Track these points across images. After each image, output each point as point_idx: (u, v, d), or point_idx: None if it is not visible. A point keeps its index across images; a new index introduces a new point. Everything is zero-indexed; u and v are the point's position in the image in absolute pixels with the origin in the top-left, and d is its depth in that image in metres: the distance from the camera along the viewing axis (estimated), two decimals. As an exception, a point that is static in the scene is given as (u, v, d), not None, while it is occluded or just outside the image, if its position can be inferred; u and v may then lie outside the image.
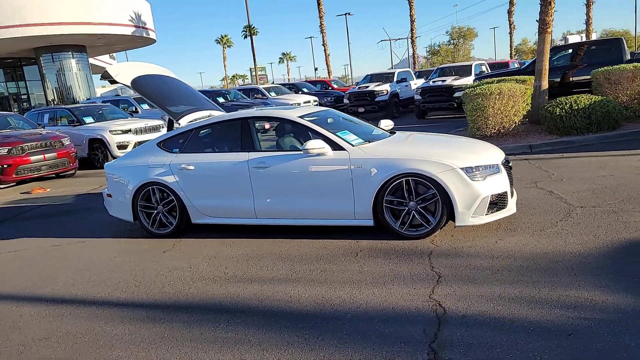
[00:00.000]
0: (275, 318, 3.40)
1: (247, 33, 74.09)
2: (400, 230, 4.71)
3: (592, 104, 9.22)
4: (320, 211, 5.00)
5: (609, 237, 4.20)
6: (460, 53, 61.47)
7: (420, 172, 4.52)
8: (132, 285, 4.32)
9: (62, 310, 3.93)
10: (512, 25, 37.36)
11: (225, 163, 5.30)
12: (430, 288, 3.58)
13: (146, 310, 3.77)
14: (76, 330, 3.54)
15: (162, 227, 5.71)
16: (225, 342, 3.13)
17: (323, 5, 33.86)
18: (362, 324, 3.17)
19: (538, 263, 3.83)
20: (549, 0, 10.30)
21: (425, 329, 3.00)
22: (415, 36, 32.70)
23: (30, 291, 4.43)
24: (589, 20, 27.84)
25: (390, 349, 2.83)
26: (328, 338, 3.04)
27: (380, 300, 3.48)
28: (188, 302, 3.84)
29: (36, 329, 3.62)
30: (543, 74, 10.58)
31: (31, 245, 6.00)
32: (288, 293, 3.79)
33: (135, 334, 3.39)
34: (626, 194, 5.45)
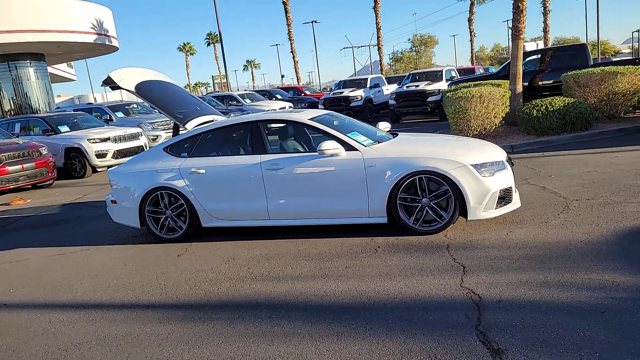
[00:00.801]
0: (316, 312, 3.50)
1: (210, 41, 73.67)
2: (414, 226, 4.90)
3: (566, 106, 9.75)
4: (335, 210, 5.13)
5: (611, 226, 4.52)
6: (422, 60, 63.02)
7: (433, 169, 4.72)
8: (157, 288, 4.33)
9: (91, 315, 3.90)
10: (472, 33, 38.70)
11: (236, 166, 5.36)
12: (458, 278, 3.77)
13: (182, 311, 3.79)
14: (115, 332, 3.53)
15: (170, 232, 5.71)
16: (274, 335, 3.22)
17: (291, 13, 34.08)
18: (403, 313, 3.32)
19: (553, 251, 4.09)
20: (521, 8, 10.84)
21: (467, 314, 3.18)
22: (381, 44, 33.34)
23: (50, 298, 4.36)
24: (546, 28, 29.23)
25: (440, 333, 2.99)
26: (376, 327, 3.17)
27: (414, 291, 3.64)
28: (222, 301, 3.89)
29: (72, 334, 3.59)
30: (518, 78, 11.09)
31: (31, 255, 5.86)
32: (321, 288, 3.90)
33: (178, 332, 3.42)
34: (614, 187, 5.83)
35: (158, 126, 15.43)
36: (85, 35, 28.55)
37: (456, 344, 2.84)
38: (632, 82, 10.36)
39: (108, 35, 31.08)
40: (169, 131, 15.52)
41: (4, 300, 4.45)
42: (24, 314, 4.09)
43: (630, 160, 7.27)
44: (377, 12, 32.79)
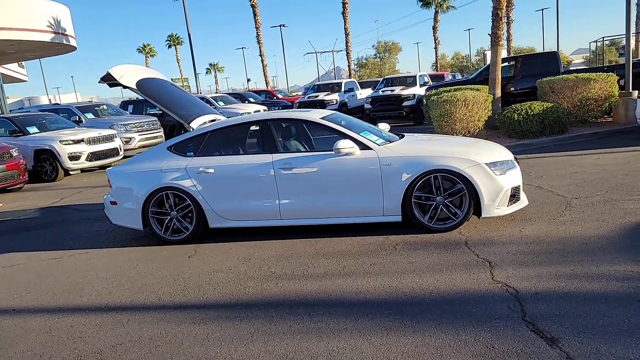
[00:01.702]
0: (354, 308, 3.50)
1: (171, 43, 72.32)
2: (428, 224, 4.97)
3: (544, 110, 10.15)
4: (349, 209, 5.14)
5: (617, 221, 4.73)
6: (386, 66, 64.11)
7: (449, 168, 4.81)
8: (178, 289, 4.21)
9: (115, 317, 3.75)
10: (436, 40, 39.70)
11: (247, 165, 5.29)
12: (487, 272, 3.86)
13: (213, 311, 3.70)
14: (148, 334, 3.41)
15: (175, 234, 5.56)
16: (321, 331, 3.19)
17: (259, 16, 33.94)
18: (446, 306, 3.36)
19: (570, 246, 4.24)
20: (500, 16, 11.22)
21: (509, 306, 3.26)
22: (350, 49, 33.70)
23: (63, 302, 4.16)
24: (509, 37, 30.35)
25: (489, 325, 3.05)
26: (422, 320, 3.20)
27: (448, 286, 3.69)
28: (252, 300, 3.82)
29: (101, 337, 3.44)
30: (497, 83, 11.47)
31: (24, 259, 5.58)
32: (352, 285, 3.89)
33: (218, 332, 3.34)
34: (606, 186, 6.11)
35: (131, 128, 15.02)
36: (41, 33, 27.39)
37: (509, 334, 2.90)
38: (603, 88, 10.90)
39: (65, 34, 29.92)
40: (142, 133, 15.17)
41: (11, 306, 4.22)
42: (38, 318, 3.88)
43: (612, 162, 7.64)
44: (346, 17, 33.15)
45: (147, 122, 15.59)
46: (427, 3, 39.14)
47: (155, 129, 15.76)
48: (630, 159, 7.76)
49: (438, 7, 38.79)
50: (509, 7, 26.76)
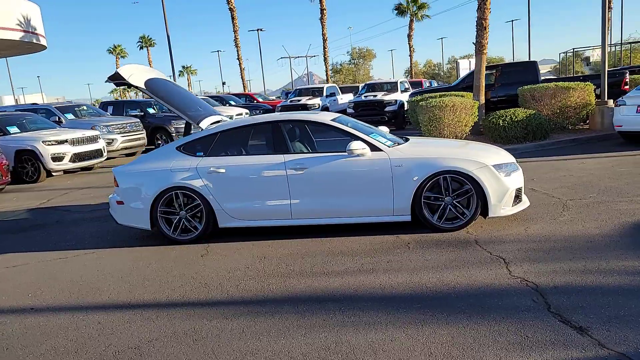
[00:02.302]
0: (384, 302, 3.61)
1: (143, 44, 71.23)
2: (437, 224, 5.14)
3: (528, 117, 10.55)
4: (360, 209, 5.27)
5: (615, 221, 5.00)
6: (361, 72, 64.81)
7: (458, 169, 5.00)
8: (199, 286, 4.24)
9: (143, 314, 3.76)
10: (411, 48, 40.45)
11: (259, 165, 5.35)
12: (504, 269, 4.04)
13: (242, 307, 3.76)
14: (183, 329, 3.45)
15: (184, 233, 5.57)
16: (357, 325, 3.29)
17: (237, 19, 33.85)
18: (472, 300, 3.52)
19: (576, 243, 4.48)
20: (484, 25, 11.60)
21: (533, 299, 3.44)
22: (327, 54, 33.97)
23: (83, 301, 4.13)
24: (483, 46, 31.30)
25: (518, 316, 3.21)
26: (453, 313, 3.34)
27: (469, 281, 3.85)
28: (278, 296, 3.89)
29: (134, 333, 3.45)
30: (481, 90, 11.83)
31: (27, 259, 5.48)
32: (375, 281, 4.01)
33: (253, 326, 3.40)
34: (596, 189, 6.43)
35: (113, 129, 14.79)
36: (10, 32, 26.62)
37: (539, 325, 3.07)
38: (581, 97, 11.39)
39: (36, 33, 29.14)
40: (125, 134, 14.96)
41: (28, 305, 4.16)
42: (62, 316, 3.85)
43: (596, 166, 8.02)
44: (324, 23, 33.43)
45: (129, 123, 15.38)
46: (403, 11, 39.87)
47: (137, 131, 15.57)
48: (613, 163, 8.16)
49: (413, 16, 39.56)
50: (483, 17, 27.51)
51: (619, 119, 10.06)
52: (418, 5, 39.13)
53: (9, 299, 4.33)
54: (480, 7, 11.54)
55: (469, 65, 34.01)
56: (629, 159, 8.52)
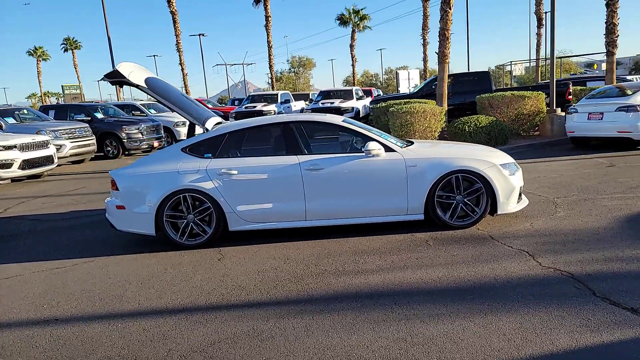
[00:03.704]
0: (435, 295, 3.70)
1: (67, 46, 67.58)
2: (449, 222, 5.33)
3: (490, 123, 11.15)
4: (375, 209, 5.34)
5: (607, 215, 5.43)
6: (300, 81, 65.22)
7: (470, 169, 5.22)
8: (233, 288, 4.12)
9: (189, 318, 3.60)
10: (354, 58, 41.33)
11: (273, 166, 5.29)
12: (532, 261, 4.27)
13: (292, 305, 3.69)
14: (242, 330, 3.34)
15: (192, 238, 5.38)
16: (421, 317, 3.35)
17: (179, 24, 32.98)
18: (519, 290, 3.69)
19: (585, 235, 4.81)
20: (447, 36, 12.16)
21: (575, 286, 3.67)
22: (272, 62, 33.92)
23: (111, 309, 3.88)
24: (425, 58, 32.60)
25: (570, 302, 3.42)
26: (508, 302, 3.49)
27: (506, 273, 4.04)
28: (324, 294, 3.87)
29: (190, 336, 3.30)
30: (444, 98, 12.36)
31: (19, 270, 5.07)
32: (414, 277, 4.09)
33: (315, 324, 3.36)
34: (574, 188, 6.93)
35: (61, 134, 13.94)
36: None
37: (594, 308, 3.29)
38: (534, 105, 12.21)
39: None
40: (74, 140, 14.15)
41: (50, 316, 3.84)
42: (96, 325, 3.60)
43: (562, 168, 8.63)
44: (269, 30, 33.38)
45: (78, 128, 14.56)
46: (345, 22, 40.71)
47: (87, 136, 14.78)
48: (575, 165, 8.83)
49: (355, 27, 40.50)
50: (424, 31, 28.73)
51: (571, 125, 10.89)
52: (360, 16, 40.14)
53: (24, 311, 3.98)
54: (443, 19, 12.08)
55: (408, 76, 35.30)
56: (587, 161, 9.24)
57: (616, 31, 15.16)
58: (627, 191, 6.53)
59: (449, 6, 11.92)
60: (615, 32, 15.14)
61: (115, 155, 15.99)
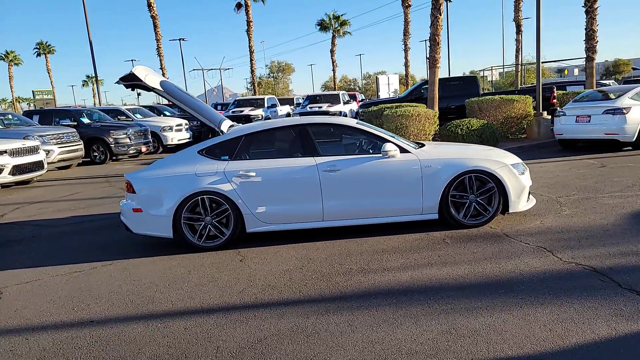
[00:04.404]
0: (467, 290, 3.81)
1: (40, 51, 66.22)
2: (463, 221, 5.47)
3: (482, 126, 11.42)
4: (391, 209, 5.45)
5: (612, 213, 5.65)
6: (280, 86, 65.27)
7: (483, 168, 5.38)
8: (264, 288, 4.16)
9: (228, 316, 3.63)
10: (334, 63, 41.66)
11: (291, 168, 5.35)
12: (552, 256, 4.43)
13: (328, 303, 3.75)
14: (285, 327, 3.39)
15: (209, 240, 5.39)
16: (459, 311, 3.46)
17: (160, 28, 32.70)
18: (547, 283, 3.83)
19: (596, 232, 5.01)
20: (437, 41, 12.42)
21: (600, 279, 3.83)
22: (254, 67, 33.92)
23: (145, 311, 3.88)
24: (407, 63, 33.16)
25: (599, 293, 3.57)
26: (539, 295, 3.62)
27: (530, 268, 4.18)
28: (356, 291, 3.94)
29: (236, 334, 3.33)
30: (434, 102, 12.60)
31: (35, 275, 4.99)
32: (442, 273, 4.20)
33: (358, 320, 3.42)
34: (573, 188, 7.18)
35: (49, 139, 13.70)
36: None
37: (624, 299, 3.45)
38: (522, 108, 12.56)
39: None
40: (62, 145, 13.93)
41: (84, 318, 3.82)
42: (135, 326, 3.59)
43: (556, 169, 8.91)
44: (250, 35, 33.40)
45: (66, 133, 14.34)
46: (325, 27, 41.01)
47: (75, 141, 14.56)
48: (568, 166, 9.12)
49: (335, 32, 40.84)
50: (406, 36, 29.17)
51: (560, 128, 11.24)
52: (340, 22, 40.49)
53: (54, 314, 3.94)
54: (433, 24, 12.34)
55: (387, 81, 35.81)
56: (578, 162, 9.56)
57: (595, 37, 15.71)
58: (624, 190, 6.80)
59: (439, 12, 12.19)
60: (595, 38, 15.69)
61: (102, 160, 15.77)
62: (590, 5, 15.46)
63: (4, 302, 4.27)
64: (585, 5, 15.63)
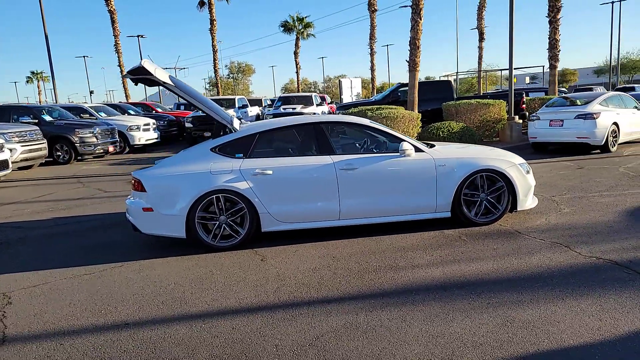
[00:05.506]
0: (502, 285, 3.90)
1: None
2: (474, 218, 5.61)
3: (462, 129, 11.74)
4: (406, 207, 5.50)
5: (609, 210, 5.95)
6: (239, 87, 64.50)
7: (494, 168, 5.53)
8: (298, 286, 4.10)
9: (274, 315, 3.55)
10: (298, 65, 41.63)
11: (307, 166, 5.31)
12: (571, 251, 4.60)
13: (371, 299, 3.74)
14: (338, 324, 3.35)
15: (224, 240, 5.27)
16: (506, 304, 3.53)
17: (118, 23, 31.67)
18: (577, 276, 3.98)
19: (601, 228, 5.26)
20: (417, 45, 12.67)
21: (624, 272, 4.02)
22: (218, 67, 33.41)
23: (180, 312, 3.73)
24: (372, 67, 33.58)
25: (630, 285, 3.75)
26: (575, 288, 3.76)
27: (553, 263, 4.33)
28: (394, 288, 3.95)
29: (289, 332, 3.26)
30: (414, 104, 12.84)
31: (42, 278, 4.71)
32: (471, 270, 4.28)
33: (408, 315, 3.44)
34: (562, 188, 7.50)
35: (11, 138, 12.95)
36: None
37: (655, 289, 3.64)
38: (497, 112, 13.00)
39: None
40: (25, 144, 13.21)
41: (115, 321, 3.63)
42: (176, 327, 3.45)
43: (538, 170, 9.27)
44: (214, 34, 32.91)
45: (29, 131, 13.61)
46: (289, 29, 40.96)
47: (38, 140, 13.84)
48: (549, 167, 9.52)
49: (299, 34, 40.85)
50: (372, 40, 29.57)
51: (534, 131, 11.72)
52: (304, 24, 40.55)
53: (82, 317, 3.73)
54: (414, 28, 12.58)
55: (351, 84, 36.23)
56: (556, 164, 10.00)
57: (558, 46, 16.49)
58: (610, 189, 7.17)
59: (419, 16, 12.45)
60: (558, 47, 16.47)
61: (66, 160, 15.06)
62: (554, 16, 16.22)
63: (17, 307, 4.01)
64: (548, 16, 16.39)
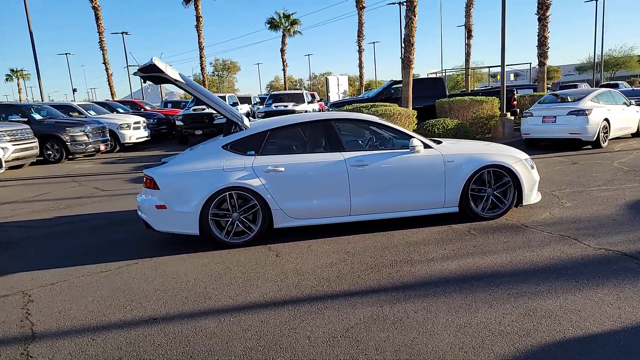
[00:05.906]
0: (519, 277, 4.01)
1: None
2: (481, 213, 5.73)
3: (456, 126, 11.90)
4: (415, 203, 5.60)
5: (611, 204, 6.12)
6: (224, 85, 64.16)
7: (501, 163, 5.66)
8: (319, 281, 4.16)
9: (300, 309, 3.61)
10: (284, 62, 41.58)
11: (319, 163, 5.37)
12: (581, 243, 4.74)
13: (393, 292, 3.82)
14: (365, 316, 3.43)
15: (237, 236, 5.30)
16: (527, 295, 3.64)
17: (102, 20, 31.26)
18: (591, 267, 4.11)
19: (605, 221, 5.42)
20: (412, 42, 12.79)
21: (634, 262, 4.16)
22: (204, 64, 33.20)
23: (207, 307, 3.77)
24: (360, 64, 33.71)
25: (637, 275, 3.89)
26: (591, 279, 3.89)
27: (565, 255, 4.46)
28: (414, 281, 4.04)
29: (315, 324, 3.33)
30: (409, 101, 12.96)
31: (56, 277, 4.70)
32: (486, 262, 4.39)
33: (433, 307, 3.52)
34: (561, 183, 7.68)
35: (2, 136, 12.75)
36: None
37: (666, 278, 3.78)
38: (490, 109, 13.20)
39: None
40: (16, 143, 13.04)
41: (143, 317, 3.65)
42: (205, 322, 3.49)
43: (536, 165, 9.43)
44: (200, 31, 32.67)
45: (20, 130, 13.42)
46: (276, 26, 40.85)
47: (29, 139, 13.66)
48: (545, 163, 9.71)
49: (286, 31, 40.78)
50: (360, 38, 29.68)
51: (527, 128, 11.92)
52: (291, 21, 40.47)
53: (108, 313, 3.74)
54: (408, 25, 12.70)
55: (337, 82, 36.36)
56: (550, 160, 10.21)
57: (547, 43, 16.77)
58: (607, 184, 7.36)
59: (413, 14, 12.57)
60: (547, 45, 16.75)
61: (57, 159, 14.88)
62: (543, 14, 16.50)
63: (40, 305, 4.00)
64: (538, 13, 16.66)
